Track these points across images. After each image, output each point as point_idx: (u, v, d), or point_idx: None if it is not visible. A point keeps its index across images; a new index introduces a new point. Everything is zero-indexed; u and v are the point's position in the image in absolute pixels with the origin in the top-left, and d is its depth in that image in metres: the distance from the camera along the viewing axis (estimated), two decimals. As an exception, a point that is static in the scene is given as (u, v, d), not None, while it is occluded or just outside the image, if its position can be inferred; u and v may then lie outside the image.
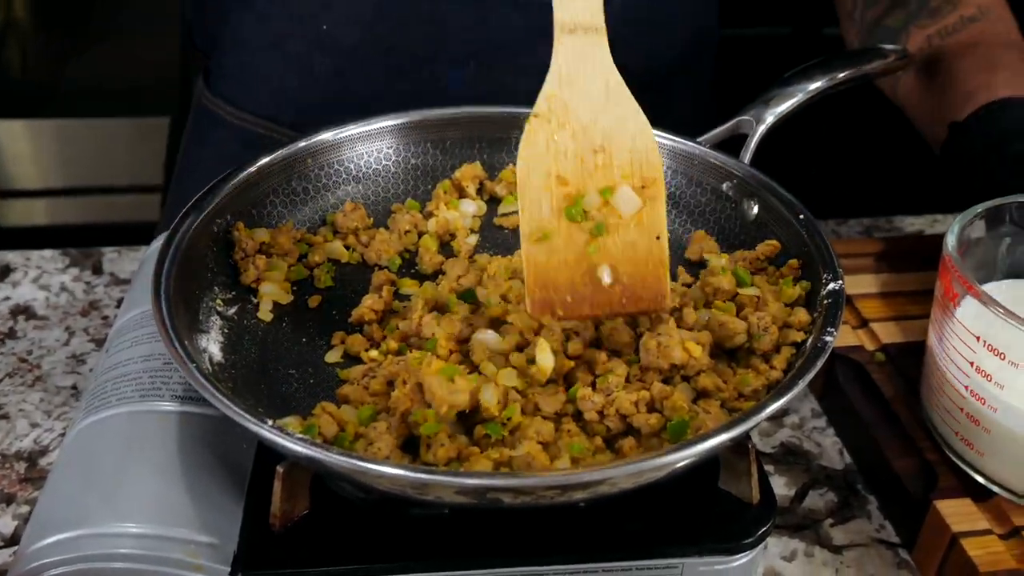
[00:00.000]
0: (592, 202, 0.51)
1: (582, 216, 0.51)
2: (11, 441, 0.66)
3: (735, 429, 0.44)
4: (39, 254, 0.85)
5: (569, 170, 0.51)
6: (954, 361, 0.57)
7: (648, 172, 0.51)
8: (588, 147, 0.51)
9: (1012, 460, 0.56)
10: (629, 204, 0.51)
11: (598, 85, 0.51)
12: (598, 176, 0.51)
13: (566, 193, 0.51)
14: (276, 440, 0.44)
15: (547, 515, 0.52)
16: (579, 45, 0.51)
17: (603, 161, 0.51)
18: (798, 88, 0.70)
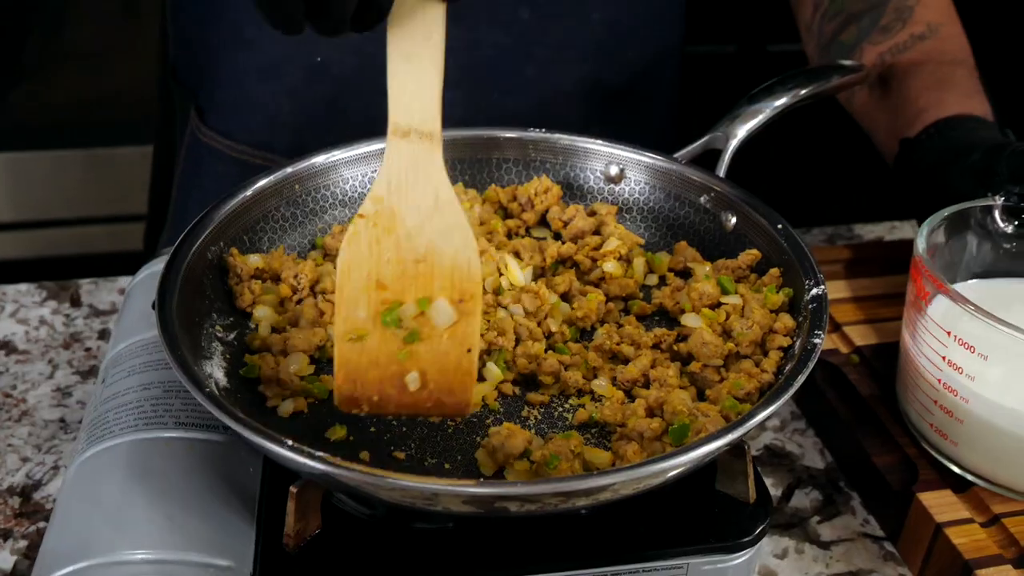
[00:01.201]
0: (408, 311, 0.51)
1: (397, 324, 0.51)
2: (2, 476, 0.66)
3: (745, 424, 0.46)
4: (14, 288, 0.84)
5: (389, 276, 0.50)
6: (927, 356, 0.60)
7: (467, 286, 0.50)
8: (411, 256, 0.50)
9: (985, 448, 0.59)
10: (443, 317, 0.50)
11: (428, 194, 0.49)
12: (417, 285, 0.50)
13: (384, 298, 0.50)
14: (296, 459, 0.45)
15: (551, 524, 0.54)
16: (412, 151, 0.49)
17: (424, 271, 0.50)
18: (765, 104, 0.73)
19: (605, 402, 0.55)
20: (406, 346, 0.50)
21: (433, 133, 0.49)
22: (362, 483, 0.46)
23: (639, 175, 0.70)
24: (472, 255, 0.50)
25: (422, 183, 0.49)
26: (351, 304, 0.50)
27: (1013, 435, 0.57)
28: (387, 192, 0.49)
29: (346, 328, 0.50)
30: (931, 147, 0.73)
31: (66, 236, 1.98)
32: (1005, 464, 0.58)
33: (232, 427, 0.47)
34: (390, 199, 0.49)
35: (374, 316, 0.50)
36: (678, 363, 0.57)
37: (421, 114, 0.48)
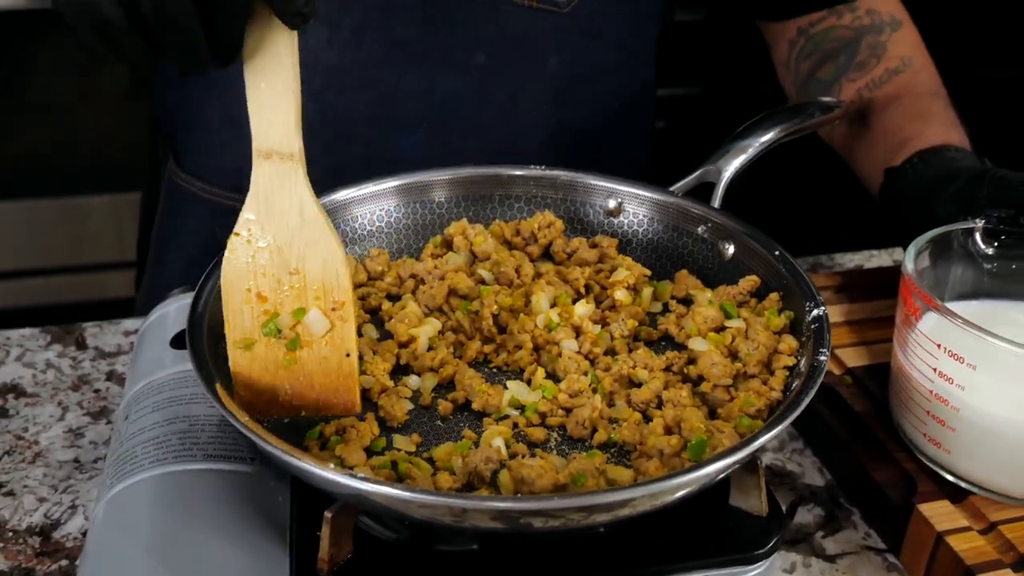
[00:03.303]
0: (285, 321, 0.55)
1: (276, 333, 0.55)
2: (20, 517, 0.66)
3: (761, 438, 0.49)
4: (19, 332, 0.85)
5: (267, 288, 0.55)
6: (919, 369, 0.63)
7: (338, 296, 0.55)
8: (284, 268, 0.54)
9: (978, 455, 0.62)
10: (318, 325, 0.55)
11: (293, 210, 0.53)
12: (293, 296, 0.55)
13: (265, 309, 0.55)
14: (338, 480, 0.47)
15: (572, 543, 0.56)
16: (275, 171, 0.53)
17: (298, 283, 0.55)
18: (753, 140, 0.77)
19: (622, 423, 0.57)
20: (290, 352, 0.54)
21: (293, 154, 0.52)
22: (397, 501, 0.47)
23: (637, 208, 0.73)
24: (340, 267, 0.54)
25: (287, 201, 0.53)
26: (236, 316, 0.54)
27: (1004, 440, 0.60)
28: (256, 211, 0.53)
29: (234, 338, 0.55)
30: (915, 176, 0.77)
31: (41, 285, 1.98)
32: (998, 470, 0.61)
33: (281, 457, 0.48)
34: (259, 217, 0.53)
35: (258, 326, 0.54)
36: (689, 384, 0.60)
37: (280, 137, 0.52)
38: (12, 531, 0.65)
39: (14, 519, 0.66)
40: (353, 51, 0.81)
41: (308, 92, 0.85)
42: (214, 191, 0.91)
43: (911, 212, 0.76)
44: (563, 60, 0.88)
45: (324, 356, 0.55)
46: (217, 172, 0.91)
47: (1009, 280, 0.69)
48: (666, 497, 0.49)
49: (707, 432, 0.54)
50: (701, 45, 1.98)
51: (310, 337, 0.55)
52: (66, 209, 1.91)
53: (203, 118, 0.89)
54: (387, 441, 0.57)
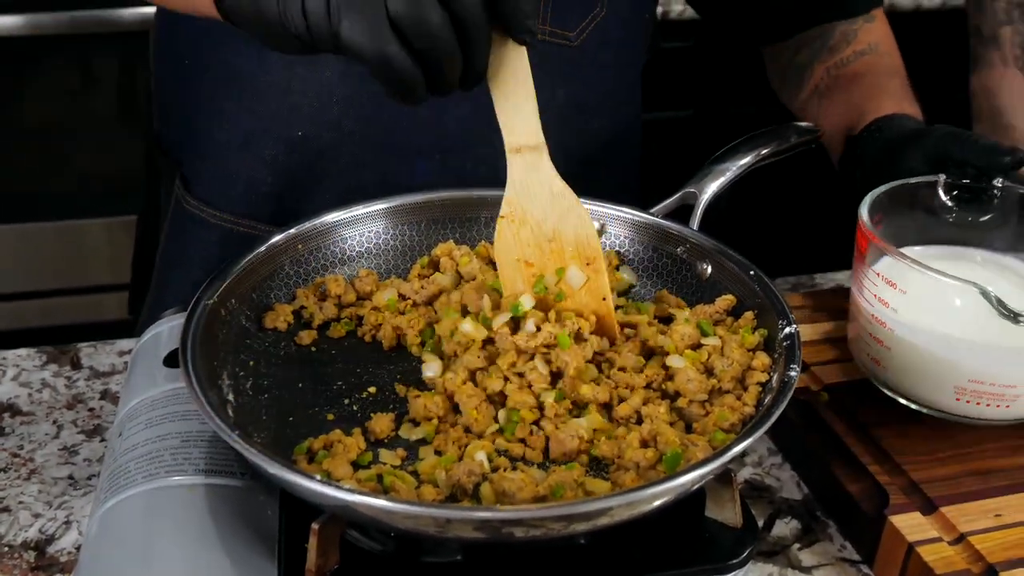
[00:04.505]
0: (551, 279, 0.65)
1: (544, 290, 0.65)
2: (16, 532, 0.68)
3: (731, 451, 0.51)
4: (15, 353, 0.87)
5: (532, 255, 0.65)
6: (865, 299, 0.70)
7: (589, 252, 0.65)
8: (543, 238, 0.65)
9: (907, 368, 0.70)
10: (576, 279, 0.65)
11: (544, 190, 0.64)
12: (553, 259, 0.65)
13: (532, 272, 0.66)
14: (325, 492, 0.49)
15: (552, 554, 0.57)
16: (524, 161, 0.63)
17: (555, 248, 0.65)
18: (731, 163, 0.79)
19: (601, 437, 0.59)
20: (559, 305, 0.64)
21: (537, 145, 0.62)
22: (382, 512, 0.49)
23: (619, 229, 0.75)
24: (589, 229, 0.64)
25: (538, 183, 0.63)
26: (511, 282, 0.66)
27: (927, 353, 0.68)
28: (515, 195, 0.64)
29: (512, 302, 0.63)
30: (872, 141, 0.82)
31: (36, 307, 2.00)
32: (923, 380, 0.69)
33: (270, 470, 0.50)
34: (518, 200, 0.64)
35: (528, 286, 0.65)
36: (668, 400, 0.62)
37: (525, 134, 0.62)
38: (8, 546, 0.66)
39: (10, 534, 0.67)
40: (369, 82, 0.83)
41: (325, 122, 0.87)
42: (224, 217, 0.92)
43: (870, 173, 0.80)
44: (569, 91, 0.91)
45: (585, 303, 0.65)
46: (227, 198, 0.91)
47: (965, 229, 0.76)
48: (642, 507, 0.51)
49: (682, 445, 0.56)
50: (690, 70, 2.01)
51: (571, 290, 0.65)
52: (60, 232, 1.93)
53: (212, 144, 0.91)
54: (373, 455, 0.59)
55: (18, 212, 1.90)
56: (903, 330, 0.68)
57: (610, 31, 0.90)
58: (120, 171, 1.79)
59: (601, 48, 0.90)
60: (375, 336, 0.69)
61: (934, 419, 0.71)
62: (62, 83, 1.83)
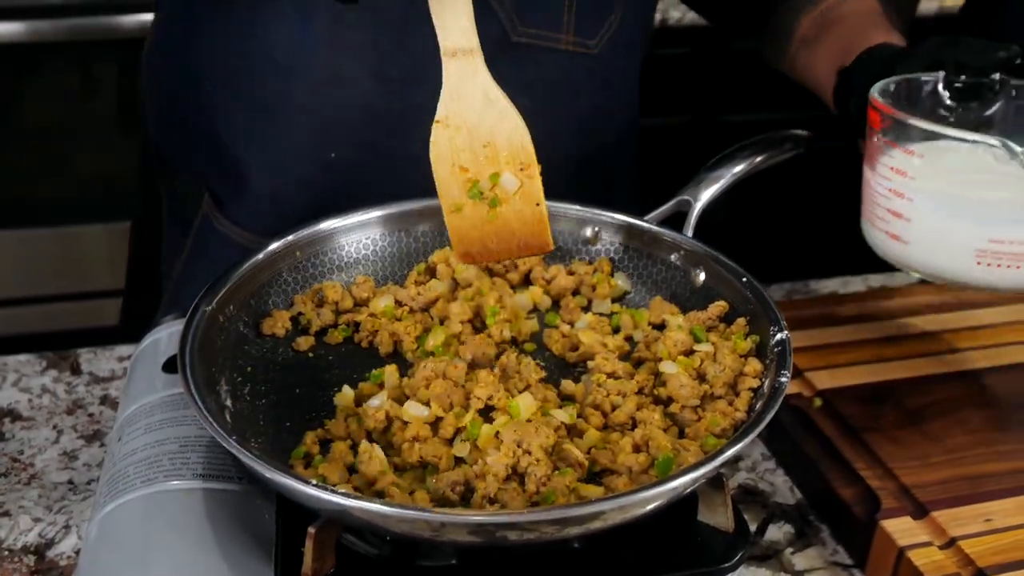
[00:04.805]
0: (485, 185, 0.66)
1: (479, 195, 0.66)
2: (16, 537, 0.68)
3: (721, 456, 0.51)
4: (15, 359, 0.87)
5: (466, 160, 0.65)
6: (880, 173, 0.70)
7: (524, 158, 0.65)
8: (478, 143, 0.65)
9: (929, 240, 0.68)
10: (510, 184, 0.66)
11: (479, 95, 0.64)
12: (488, 164, 0.66)
13: (467, 178, 0.66)
14: (320, 496, 0.49)
15: (547, 558, 0.58)
16: (461, 65, 0.63)
17: (490, 153, 0.65)
18: (725, 171, 0.80)
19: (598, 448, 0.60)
20: (492, 209, 0.66)
21: (472, 48, 0.63)
22: (376, 516, 0.50)
23: (613, 236, 0.76)
24: (523, 135, 0.65)
25: (472, 87, 0.64)
26: (445, 187, 0.66)
27: (948, 217, 0.67)
28: (449, 100, 0.64)
29: (447, 204, 0.66)
30: (865, 67, 0.81)
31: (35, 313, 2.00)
32: (944, 248, 0.68)
33: (266, 475, 0.51)
34: (453, 105, 0.64)
35: (463, 192, 0.65)
36: (661, 406, 0.62)
37: (460, 36, 0.62)
38: (8, 550, 0.67)
39: (10, 539, 0.68)
40: (407, 99, 0.84)
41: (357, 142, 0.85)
42: (251, 237, 0.91)
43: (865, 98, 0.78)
44: (590, 98, 0.92)
45: (518, 209, 0.66)
46: (256, 218, 0.90)
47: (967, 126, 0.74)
48: (634, 510, 0.52)
49: (674, 450, 0.57)
50: (687, 77, 2.02)
51: (506, 195, 0.65)
52: (59, 238, 1.94)
53: (243, 167, 0.89)
54: None
55: (17, 217, 1.91)
56: (923, 197, 0.68)
57: (623, 36, 0.91)
58: (119, 177, 1.80)
59: (615, 54, 0.91)
60: (372, 342, 0.70)
61: (927, 422, 0.72)
62: (62, 89, 1.84)
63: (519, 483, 0.55)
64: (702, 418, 0.61)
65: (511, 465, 0.56)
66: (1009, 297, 0.90)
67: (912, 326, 0.85)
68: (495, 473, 0.55)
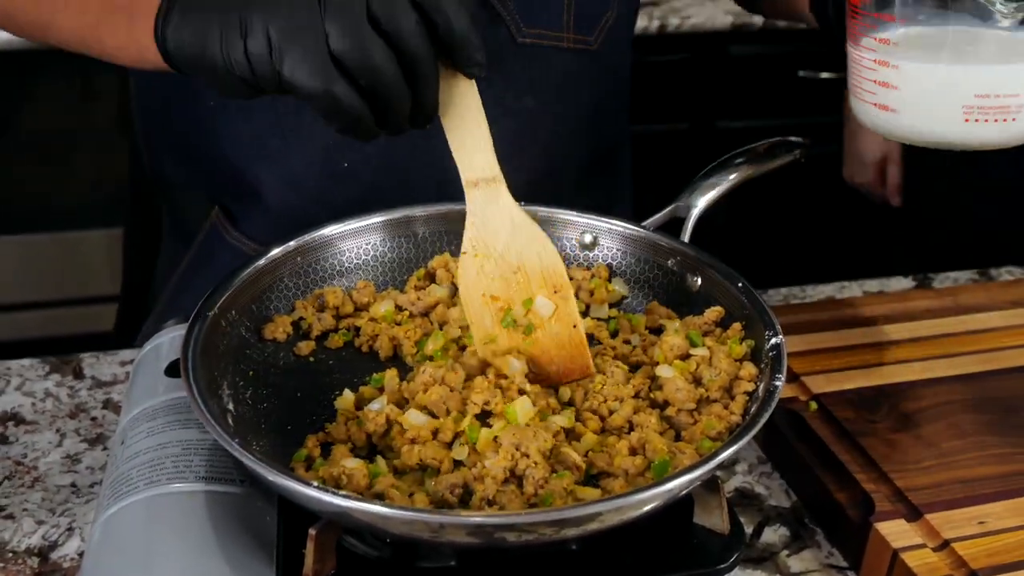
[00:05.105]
0: (519, 312, 0.65)
1: (513, 324, 0.65)
2: (20, 539, 0.69)
3: (716, 459, 0.52)
4: (18, 363, 0.88)
5: (497, 289, 0.65)
6: (864, 46, 0.69)
7: (556, 280, 0.65)
8: (508, 270, 0.65)
9: (918, 104, 0.67)
10: (545, 308, 0.65)
11: (505, 222, 0.64)
12: (520, 290, 0.65)
13: (499, 307, 0.65)
14: (321, 498, 0.50)
15: (545, 560, 0.59)
16: (484, 194, 0.63)
17: (522, 279, 0.65)
18: (722, 177, 0.80)
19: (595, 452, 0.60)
20: (527, 337, 0.65)
21: (495, 177, 0.63)
22: (376, 517, 0.51)
23: (611, 242, 0.77)
24: (553, 256, 0.65)
25: (498, 215, 0.64)
26: (478, 319, 0.65)
27: (935, 77, 0.66)
28: (476, 230, 0.65)
29: (480, 336, 0.65)
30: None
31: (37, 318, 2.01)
32: (933, 108, 0.67)
33: (268, 477, 0.52)
34: (479, 233, 0.65)
35: (496, 322, 0.65)
36: (657, 410, 0.63)
37: (482, 166, 0.63)
38: (12, 552, 0.68)
39: (14, 541, 0.69)
40: None
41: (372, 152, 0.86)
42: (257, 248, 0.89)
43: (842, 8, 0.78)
44: (592, 94, 0.93)
45: (555, 332, 0.65)
46: (272, 230, 0.88)
47: None
48: (631, 512, 0.53)
49: (669, 453, 0.57)
50: (685, 84, 2.04)
51: (540, 320, 0.64)
52: (61, 244, 1.95)
53: (257, 182, 0.89)
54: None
55: (20, 224, 1.92)
56: (908, 62, 0.68)
57: (617, 31, 0.92)
58: (120, 182, 1.81)
59: (613, 49, 0.93)
60: (372, 346, 0.71)
61: (922, 426, 0.73)
62: (64, 95, 1.85)
63: (517, 485, 0.56)
64: (698, 421, 0.62)
65: (509, 468, 0.56)
66: (1004, 302, 0.91)
67: (907, 331, 0.86)
68: (494, 476, 0.56)
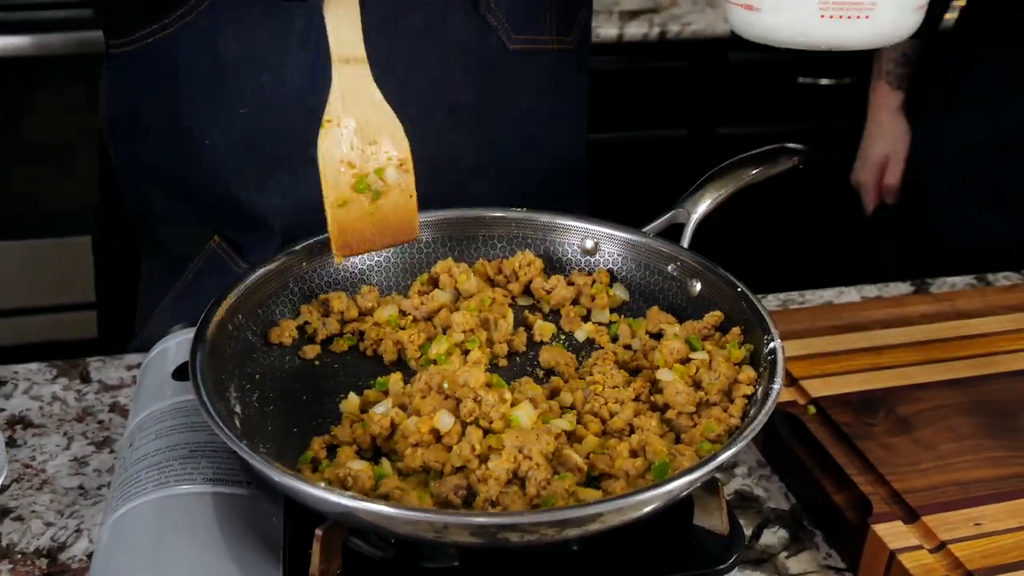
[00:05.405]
0: (372, 178, 0.70)
1: (366, 189, 0.70)
2: (28, 540, 0.70)
3: (715, 460, 0.53)
4: (26, 367, 0.89)
5: (354, 157, 0.69)
6: None
7: (402, 155, 0.71)
8: (366, 141, 0.69)
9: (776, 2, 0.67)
10: (393, 176, 0.70)
11: (367, 98, 0.69)
12: (373, 161, 0.70)
13: (354, 173, 0.70)
14: (328, 498, 0.51)
15: (547, 560, 0.60)
16: (351, 71, 0.68)
17: (374, 151, 0.70)
18: (721, 184, 0.82)
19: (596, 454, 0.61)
20: (373, 202, 0.69)
21: (360, 57, 0.68)
22: (382, 517, 0.52)
23: (612, 248, 0.78)
24: (400, 135, 0.70)
25: (362, 91, 0.69)
26: (333, 181, 0.69)
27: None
28: (340, 102, 0.68)
29: (333, 198, 0.68)
30: None
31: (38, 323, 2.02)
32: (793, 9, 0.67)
33: (275, 478, 0.53)
34: (343, 106, 0.68)
35: (349, 187, 0.69)
36: (658, 413, 0.64)
37: (351, 46, 0.68)
38: (21, 553, 0.69)
39: (23, 542, 0.70)
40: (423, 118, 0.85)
41: None
42: None
43: None
44: (574, 90, 0.95)
45: (396, 200, 0.70)
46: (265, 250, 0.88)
47: None
48: (632, 513, 0.54)
49: (670, 455, 0.58)
50: (685, 91, 2.05)
51: (388, 188, 0.70)
52: (64, 248, 1.96)
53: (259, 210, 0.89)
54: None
55: (23, 229, 1.93)
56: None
57: (586, 29, 0.95)
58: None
59: (584, 47, 0.95)
60: (376, 350, 0.72)
61: (919, 429, 0.74)
62: (67, 101, 1.86)
63: (520, 487, 0.57)
64: (697, 424, 0.63)
65: (512, 470, 0.57)
66: (1000, 307, 0.92)
67: (904, 336, 0.87)
68: (497, 477, 0.57)
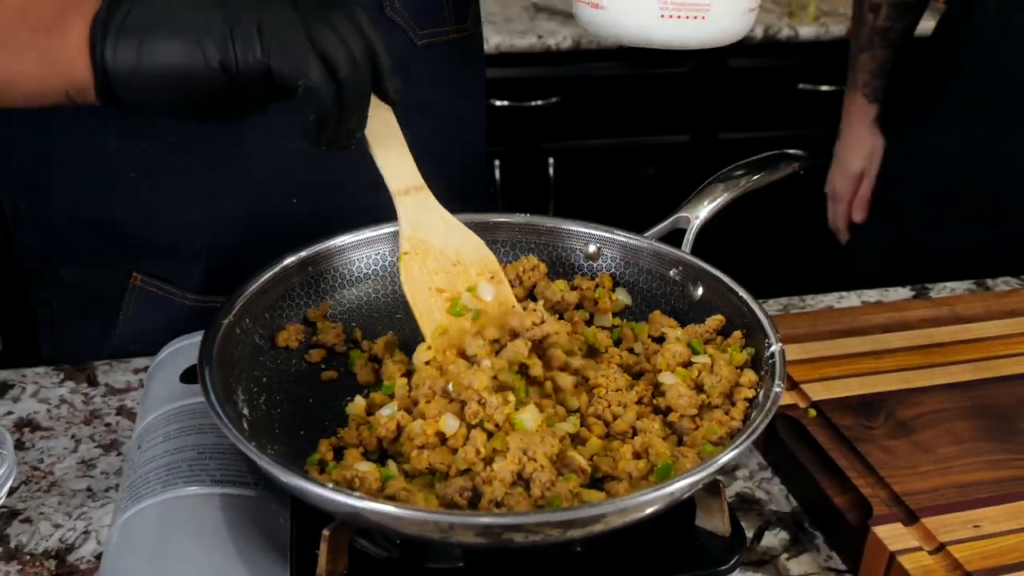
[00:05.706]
0: (467, 298, 0.70)
1: (463, 311, 0.70)
2: (37, 542, 0.71)
3: (717, 462, 0.54)
4: (33, 371, 0.90)
5: (441, 282, 0.70)
6: None
7: (491, 267, 0.72)
8: (448, 263, 0.70)
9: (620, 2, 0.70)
10: (487, 292, 0.71)
11: (436, 222, 0.70)
12: (461, 280, 0.71)
13: (446, 298, 0.70)
14: (335, 498, 0.52)
15: (551, 561, 0.60)
16: (414, 200, 0.70)
17: (461, 270, 0.71)
18: (723, 189, 0.83)
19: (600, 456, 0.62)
20: (475, 322, 0.69)
21: (420, 185, 0.70)
22: (388, 517, 0.52)
23: (615, 252, 0.79)
24: (483, 248, 0.72)
25: (429, 216, 0.70)
26: (427, 313, 0.69)
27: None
28: (412, 231, 0.70)
29: (431, 329, 0.68)
30: None
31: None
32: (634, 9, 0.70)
33: (283, 479, 0.53)
34: (416, 234, 0.70)
35: (444, 312, 0.69)
36: (660, 416, 0.65)
37: (408, 176, 0.69)
38: (30, 554, 0.70)
39: (31, 543, 0.70)
40: None
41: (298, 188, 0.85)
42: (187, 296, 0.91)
43: None
44: (477, 76, 0.99)
45: (497, 313, 0.71)
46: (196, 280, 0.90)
47: None
48: (634, 514, 0.54)
49: (672, 457, 0.59)
50: (687, 96, 2.06)
51: (484, 304, 0.70)
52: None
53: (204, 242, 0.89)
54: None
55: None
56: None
57: (476, 10, 0.97)
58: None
59: (476, 28, 0.98)
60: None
61: (918, 432, 0.74)
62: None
63: (525, 488, 0.58)
64: (699, 427, 0.63)
65: (517, 471, 0.58)
66: (999, 312, 0.92)
67: (904, 340, 0.88)
68: (501, 479, 0.57)
